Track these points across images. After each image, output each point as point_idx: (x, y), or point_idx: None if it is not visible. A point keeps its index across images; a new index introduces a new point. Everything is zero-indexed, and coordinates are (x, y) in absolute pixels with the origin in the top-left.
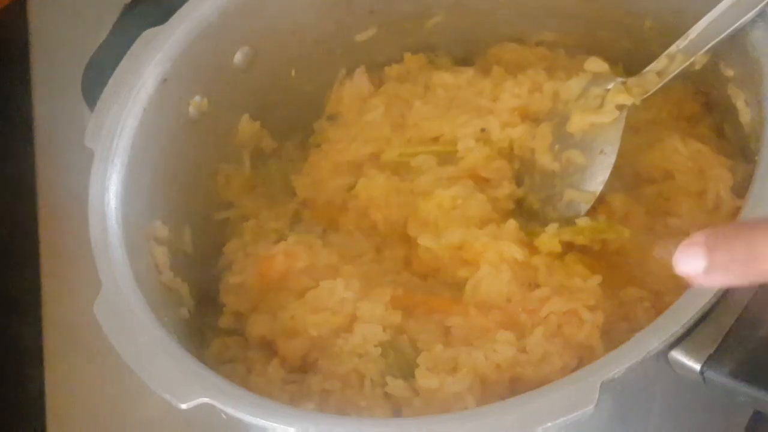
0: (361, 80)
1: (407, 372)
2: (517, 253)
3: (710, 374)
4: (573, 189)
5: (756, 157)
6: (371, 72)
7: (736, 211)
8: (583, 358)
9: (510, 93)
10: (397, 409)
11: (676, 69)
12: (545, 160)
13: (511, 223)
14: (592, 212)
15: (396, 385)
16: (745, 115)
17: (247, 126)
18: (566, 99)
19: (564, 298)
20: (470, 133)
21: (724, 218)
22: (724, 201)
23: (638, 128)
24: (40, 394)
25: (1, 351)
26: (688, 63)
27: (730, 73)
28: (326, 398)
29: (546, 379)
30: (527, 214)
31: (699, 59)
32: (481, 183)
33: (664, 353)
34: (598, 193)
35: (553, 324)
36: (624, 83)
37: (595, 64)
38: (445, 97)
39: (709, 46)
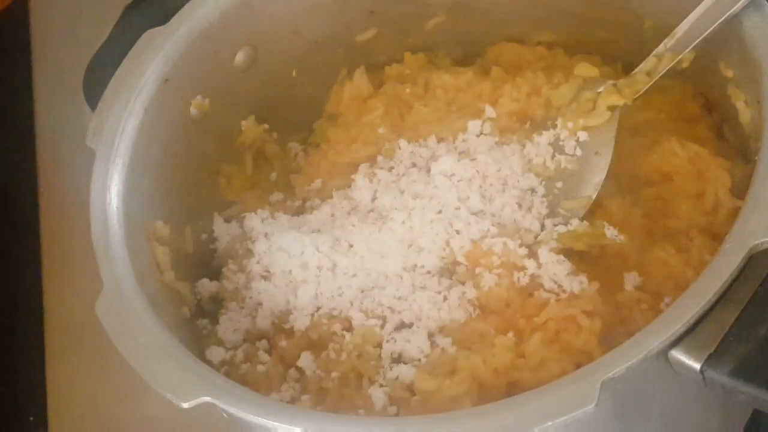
0: (360, 81)
1: None
2: (517, 258)
3: (710, 373)
4: (569, 193)
5: (755, 158)
6: (372, 72)
7: (735, 212)
8: (580, 363)
9: (508, 97)
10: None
11: (664, 68)
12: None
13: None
14: (590, 216)
15: (394, 386)
16: (745, 115)
17: (251, 128)
18: (558, 105)
19: (562, 304)
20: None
21: (723, 220)
22: (722, 202)
23: (636, 130)
24: (42, 393)
25: (3, 350)
26: (675, 61)
27: (729, 73)
28: (323, 396)
29: (543, 385)
30: None
31: (687, 56)
32: None
33: (664, 352)
34: (594, 196)
35: (551, 330)
36: (614, 85)
37: (586, 69)
38: (445, 99)
39: (695, 43)
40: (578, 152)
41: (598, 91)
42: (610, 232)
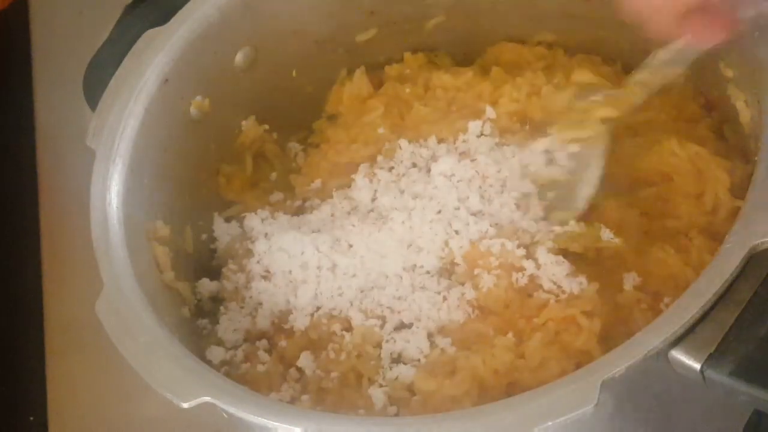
0: (360, 81)
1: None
2: (515, 259)
3: (710, 373)
4: (560, 204)
5: (755, 158)
6: (372, 72)
7: (735, 212)
8: (580, 363)
9: (508, 97)
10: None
11: (662, 80)
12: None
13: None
14: (588, 217)
15: (393, 386)
16: (745, 115)
17: (251, 128)
18: (554, 112)
19: (561, 304)
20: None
21: (722, 219)
22: (722, 202)
23: (636, 131)
24: (42, 393)
25: (3, 350)
26: (673, 76)
27: (729, 73)
28: (323, 396)
29: (543, 385)
30: None
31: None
32: None
33: (664, 352)
34: (582, 209)
35: (551, 330)
36: (610, 96)
37: (584, 76)
38: (445, 99)
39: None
40: (570, 164)
41: (593, 100)
42: (606, 234)
